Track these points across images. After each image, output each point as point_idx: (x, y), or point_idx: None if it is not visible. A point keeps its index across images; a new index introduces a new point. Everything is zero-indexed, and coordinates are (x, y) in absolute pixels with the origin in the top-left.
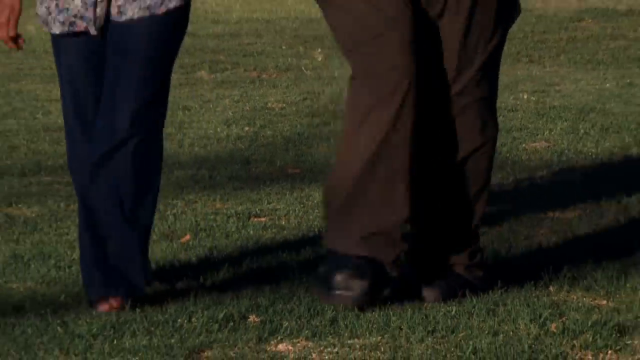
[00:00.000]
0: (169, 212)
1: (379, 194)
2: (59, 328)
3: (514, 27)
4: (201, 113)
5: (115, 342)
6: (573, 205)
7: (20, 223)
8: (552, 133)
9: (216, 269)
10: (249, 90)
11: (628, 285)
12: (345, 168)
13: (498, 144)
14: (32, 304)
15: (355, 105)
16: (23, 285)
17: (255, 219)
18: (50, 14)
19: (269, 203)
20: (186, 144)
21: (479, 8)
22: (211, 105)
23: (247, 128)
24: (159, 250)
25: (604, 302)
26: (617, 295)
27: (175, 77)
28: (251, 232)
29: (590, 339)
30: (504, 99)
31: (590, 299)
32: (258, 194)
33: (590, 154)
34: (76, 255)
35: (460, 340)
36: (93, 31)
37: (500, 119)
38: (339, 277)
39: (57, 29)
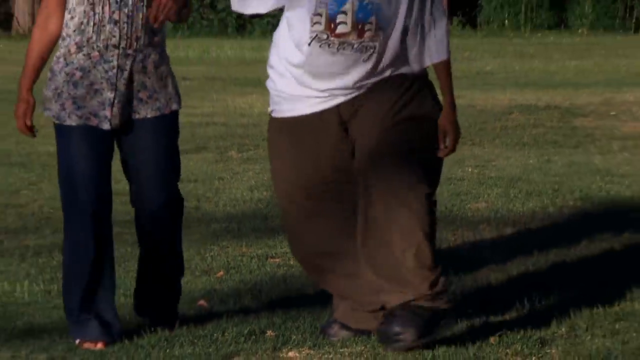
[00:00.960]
0: (207, 255)
1: None
2: (126, 340)
3: (462, 117)
4: (231, 182)
5: (167, 350)
6: (504, 247)
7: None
8: (490, 196)
9: (242, 297)
10: (267, 165)
11: (547, 307)
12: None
13: (450, 204)
14: None
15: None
16: None
17: (272, 260)
18: (64, 109)
19: (281, 248)
20: (220, 205)
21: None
22: (239, 176)
23: (265, 193)
24: (200, 283)
25: (530, 321)
26: (539, 316)
27: (212, 155)
28: (268, 269)
29: (519, 348)
30: (454, 172)
31: (519, 319)
32: (274, 241)
33: (518, 212)
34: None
35: (422, 349)
36: (106, 127)
37: (450, 186)
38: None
39: (72, 122)
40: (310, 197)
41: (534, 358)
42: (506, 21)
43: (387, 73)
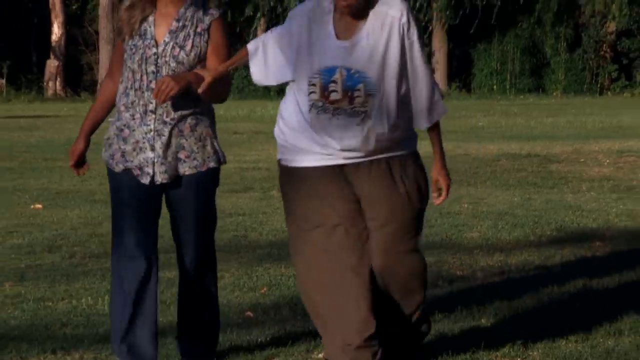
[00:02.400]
0: (253, 274)
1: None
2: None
3: (459, 163)
4: (273, 216)
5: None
6: (494, 268)
7: (165, 281)
8: (482, 227)
9: (282, 308)
10: None
11: (529, 316)
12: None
13: (449, 233)
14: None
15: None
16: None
17: None
18: (113, 159)
19: None
20: (264, 234)
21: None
22: (279, 211)
23: None
24: (247, 297)
25: (515, 327)
26: (523, 323)
27: (257, 194)
28: None
29: (507, 351)
30: (453, 207)
31: (506, 326)
32: None
33: (505, 240)
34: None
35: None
36: (145, 182)
37: (450, 219)
38: None
39: (118, 169)
40: (317, 242)
41: (518, 359)
42: (494, 86)
43: (382, 139)
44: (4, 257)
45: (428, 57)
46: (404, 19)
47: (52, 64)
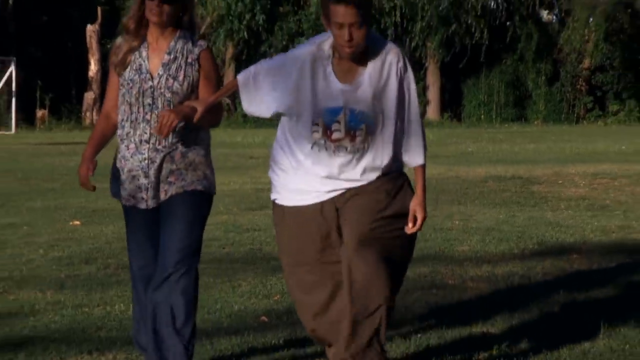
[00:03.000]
0: (267, 283)
1: None
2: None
3: (451, 185)
4: None
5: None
6: (482, 278)
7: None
8: (471, 241)
9: (293, 314)
10: None
11: (514, 319)
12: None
13: (442, 246)
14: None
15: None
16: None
17: None
18: (119, 192)
19: None
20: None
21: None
22: None
23: None
24: (262, 304)
25: (501, 330)
26: (509, 326)
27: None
28: None
29: (494, 352)
30: (445, 224)
31: (492, 331)
32: None
33: (491, 252)
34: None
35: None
36: (143, 207)
37: (443, 234)
38: None
39: (124, 202)
40: (307, 272)
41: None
42: (482, 116)
43: (377, 171)
44: (46, 268)
45: (423, 91)
46: (401, 64)
47: (89, 96)
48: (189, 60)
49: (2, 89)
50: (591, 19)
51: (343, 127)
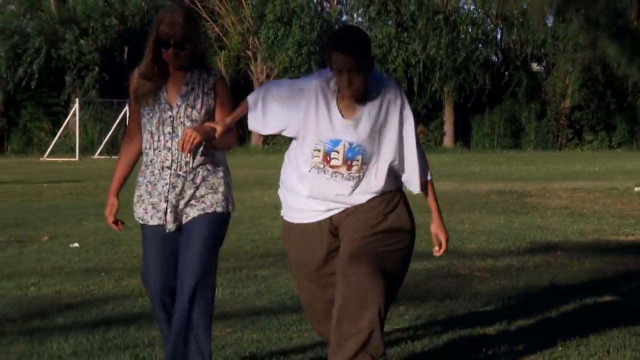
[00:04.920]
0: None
1: None
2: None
3: (462, 197)
4: None
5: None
6: (487, 270)
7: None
8: (478, 241)
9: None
10: None
11: (514, 306)
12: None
13: (456, 245)
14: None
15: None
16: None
17: None
18: (147, 213)
19: None
20: None
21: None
22: None
23: None
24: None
25: (499, 309)
26: (505, 306)
27: None
28: None
29: (496, 326)
30: (458, 227)
31: (494, 310)
32: None
33: (494, 249)
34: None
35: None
36: (168, 229)
37: (456, 235)
38: None
39: (154, 222)
40: (310, 281)
41: (502, 334)
42: (486, 144)
43: (372, 194)
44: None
45: (440, 125)
46: (399, 101)
47: None
48: (205, 89)
49: (118, 125)
50: (571, 70)
51: (341, 157)
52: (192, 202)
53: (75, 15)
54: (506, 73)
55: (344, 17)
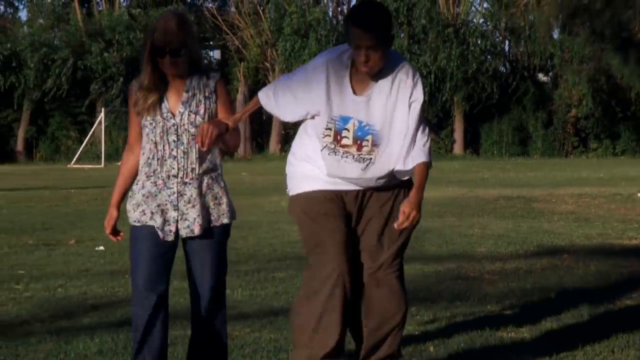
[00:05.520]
0: None
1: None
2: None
3: (472, 202)
4: None
5: None
6: (496, 272)
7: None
8: (487, 244)
9: None
10: None
11: (523, 301)
12: (298, 329)
13: (465, 249)
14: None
15: (303, 286)
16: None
17: None
18: (145, 214)
19: None
20: None
21: (391, 218)
22: None
23: None
24: None
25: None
26: (513, 306)
27: None
28: None
29: (506, 327)
30: (467, 231)
31: (503, 310)
32: None
33: (502, 253)
34: None
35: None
36: (170, 239)
37: (465, 239)
38: None
39: (153, 223)
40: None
41: (512, 333)
42: (495, 152)
43: (382, 181)
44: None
45: (451, 132)
46: (410, 81)
47: None
48: (207, 94)
49: None
50: (577, 80)
51: (351, 135)
52: (202, 212)
53: (100, 28)
54: (514, 83)
55: None
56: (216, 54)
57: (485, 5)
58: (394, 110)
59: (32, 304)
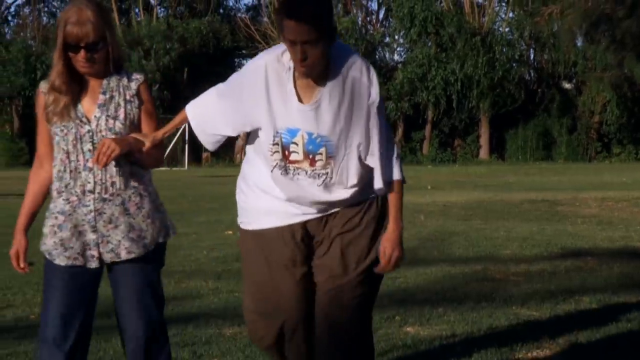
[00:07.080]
0: None
1: None
2: None
3: (497, 206)
4: None
5: None
6: (521, 273)
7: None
8: (512, 247)
9: (382, 298)
10: None
11: (549, 299)
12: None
13: (491, 251)
14: None
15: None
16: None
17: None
18: (56, 249)
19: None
20: None
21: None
22: None
23: None
24: None
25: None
26: (538, 305)
27: None
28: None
29: (531, 327)
30: (493, 234)
31: (529, 310)
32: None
33: (527, 255)
34: None
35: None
36: (94, 266)
37: (491, 241)
38: None
39: (62, 262)
40: (267, 300)
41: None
42: (520, 156)
43: (345, 196)
44: (207, 264)
45: (477, 138)
46: (365, 79)
47: (239, 143)
48: (127, 97)
49: (178, 138)
50: (600, 87)
51: (301, 150)
52: (132, 235)
53: (139, 38)
54: (539, 90)
55: (387, 39)
56: None
57: (510, 14)
58: (349, 115)
59: None
